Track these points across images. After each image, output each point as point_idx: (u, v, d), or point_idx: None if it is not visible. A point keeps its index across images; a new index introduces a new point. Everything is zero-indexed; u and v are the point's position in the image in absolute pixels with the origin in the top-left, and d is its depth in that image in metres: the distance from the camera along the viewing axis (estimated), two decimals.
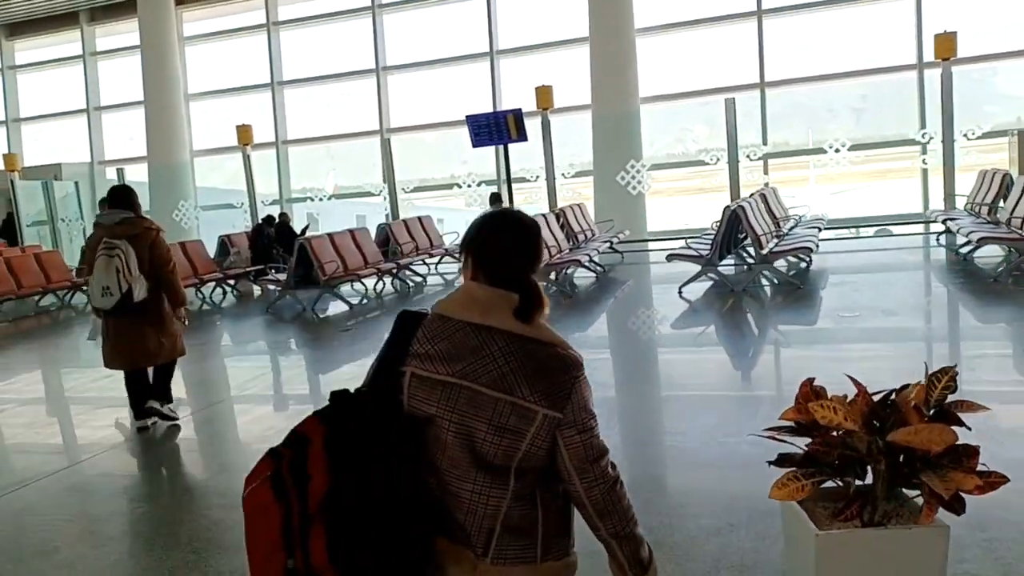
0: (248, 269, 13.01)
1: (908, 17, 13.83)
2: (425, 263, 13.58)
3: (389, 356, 1.74)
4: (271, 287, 11.74)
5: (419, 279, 12.69)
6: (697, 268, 9.41)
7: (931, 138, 12.80)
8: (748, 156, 13.85)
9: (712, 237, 9.93)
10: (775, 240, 9.65)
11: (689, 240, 9.85)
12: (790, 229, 10.74)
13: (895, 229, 13.92)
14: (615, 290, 10.87)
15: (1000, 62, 14.38)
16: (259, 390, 7.20)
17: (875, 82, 15.51)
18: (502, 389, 1.65)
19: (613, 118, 14.91)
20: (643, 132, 15.18)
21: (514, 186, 14.19)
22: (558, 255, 10.65)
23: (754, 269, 9.53)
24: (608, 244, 11.93)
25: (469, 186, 15.71)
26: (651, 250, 14.36)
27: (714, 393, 5.82)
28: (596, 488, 1.71)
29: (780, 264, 9.64)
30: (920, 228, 13.33)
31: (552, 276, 10.22)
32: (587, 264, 10.94)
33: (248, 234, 14.04)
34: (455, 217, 21.32)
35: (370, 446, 1.64)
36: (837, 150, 13.30)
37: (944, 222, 10.58)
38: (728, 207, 9.30)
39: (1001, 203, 10.00)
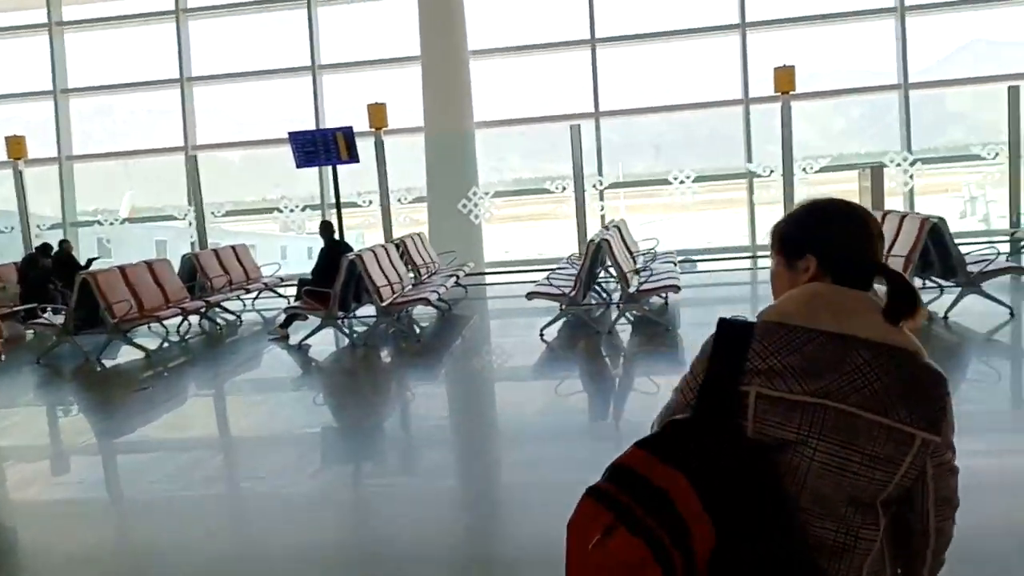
0: (16, 308, 10.67)
1: (744, 51, 13.90)
2: (240, 299, 11.80)
3: (720, 373, 1.48)
4: (46, 331, 9.56)
5: (231, 317, 10.93)
6: (558, 305, 8.52)
7: (771, 171, 12.79)
8: (594, 186, 13.29)
9: (574, 272, 9.08)
10: (637, 276, 8.93)
11: (550, 275, 8.92)
12: (647, 263, 10.13)
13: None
14: (464, 330, 9.73)
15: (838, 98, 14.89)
16: (12, 485, 5.40)
17: (715, 114, 15.58)
18: (876, 410, 1.40)
19: (446, 141, 13.92)
20: (480, 157, 14.33)
21: (344, 211, 12.77)
22: (400, 292, 9.39)
23: (619, 308, 8.74)
24: (454, 279, 10.80)
25: (291, 210, 14.06)
26: (494, 284, 13.42)
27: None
28: (948, 522, 1.50)
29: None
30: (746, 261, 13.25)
31: (395, 317, 8.96)
32: (434, 302, 9.75)
33: (17, 265, 11.66)
34: (268, 244, 19.48)
35: (745, 485, 1.38)
36: (682, 181, 13.02)
37: None
38: (592, 240, 8.48)
39: None
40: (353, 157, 12.37)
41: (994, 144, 12.04)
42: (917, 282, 8.01)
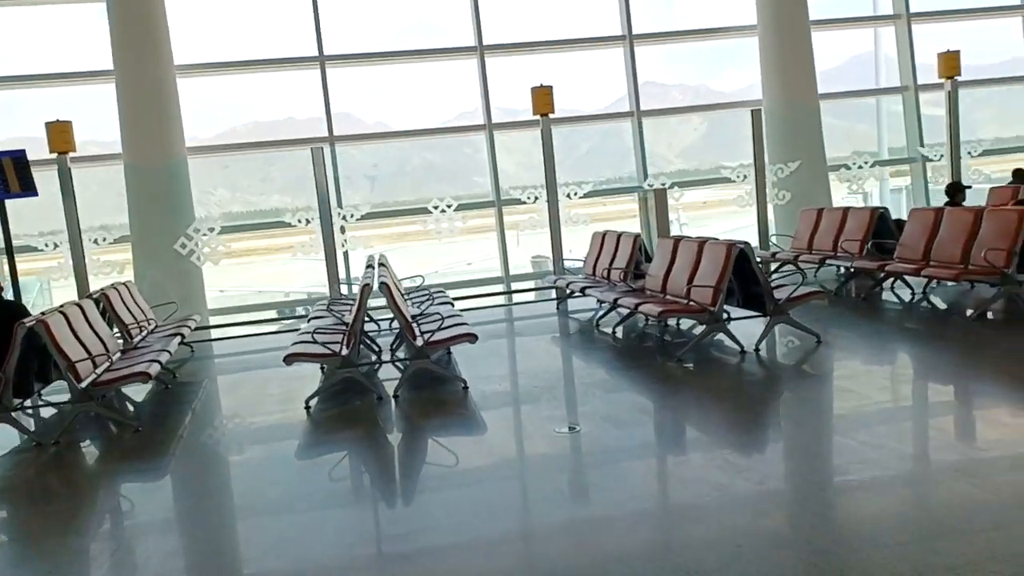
0: None
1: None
2: None
3: None
4: None
5: None
6: (327, 370, 6.78)
7: (536, 197, 11.97)
8: (344, 217, 11.61)
9: (337, 324, 7.38)
10: (420, 327, 7.43)
11: (314, 332, 7.07)
12: (423, 306, 8.67)
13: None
14: (197, 406, 7.53)
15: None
16: None
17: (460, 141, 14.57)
18: None
19: (152, 171, 11.49)
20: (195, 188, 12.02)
21: (18, 258, 9.87)
22: (107, 365, 7.05)
23: (403, 366, 7.18)
24: (178, 338, 8.54)
25: None
26: (224, 338, 11.17)
27: None
28: None
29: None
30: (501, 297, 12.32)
31: (99, 399, 6.63)
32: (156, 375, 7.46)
33: None
34: None
35: None
36: (443, 210, 11.77)
37: (583, 290, 9.50)
38: (367, 284, 6.85)
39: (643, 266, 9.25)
40: (27, 189, 9.60)
41: (743, 166, 12.22)
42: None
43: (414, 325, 6.96)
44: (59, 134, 10.29)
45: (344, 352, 6.68)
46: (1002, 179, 11.79)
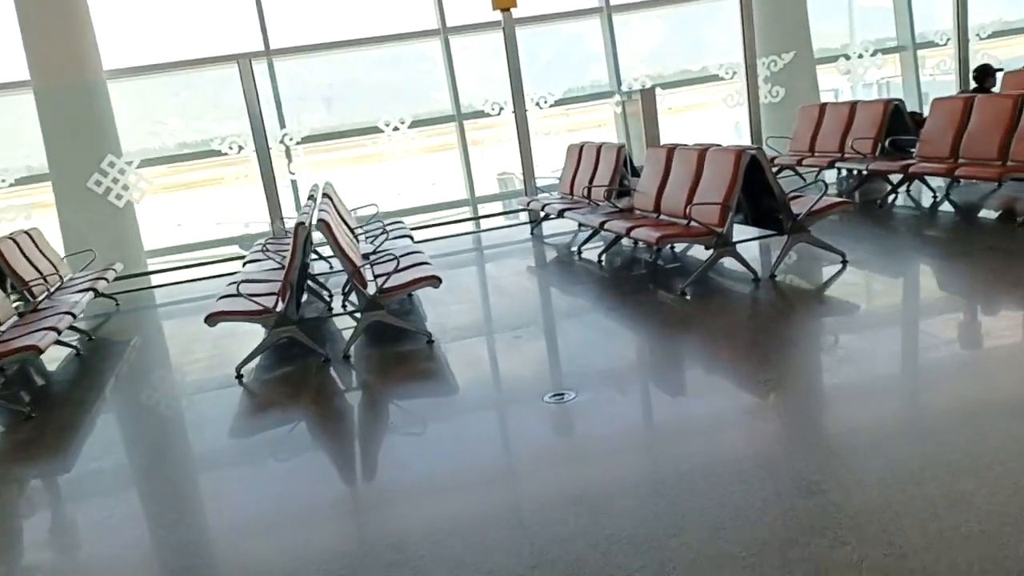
0: None
1: None
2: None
3: None
4: None
5: None
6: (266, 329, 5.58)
7: (501, 108, 10.61)
8: (282, 141, 10.21)
9: (277, 268, 6.15)
10: (373, 270, 6.19)
11: (239, 283, 5.80)
12: (377, 242, 7.43)
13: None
14: (112, 376, 6.31)
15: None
16: None
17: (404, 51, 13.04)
18: None
19: (69, 97, 9.94)
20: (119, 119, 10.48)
21: None
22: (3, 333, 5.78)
23: (357, 318, 6.00)
24: (89, 293, 7.26)
25: None
26: (166, 284, 9.85)
27: None
28: None
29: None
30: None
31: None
32: (64, 339, 6.21)
33: None
34: None
35: None
36: (396, 128, 10.39)
37: (560, 213, 8.26)
38: (302, 223, 5.58)
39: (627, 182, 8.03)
40: None
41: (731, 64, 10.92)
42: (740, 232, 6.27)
43: (365, 269, 5.72)
44: None
45: (280, 307, 5.47)
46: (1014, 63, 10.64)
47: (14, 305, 6.76)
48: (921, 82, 12.43)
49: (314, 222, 5.53)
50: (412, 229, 10.03)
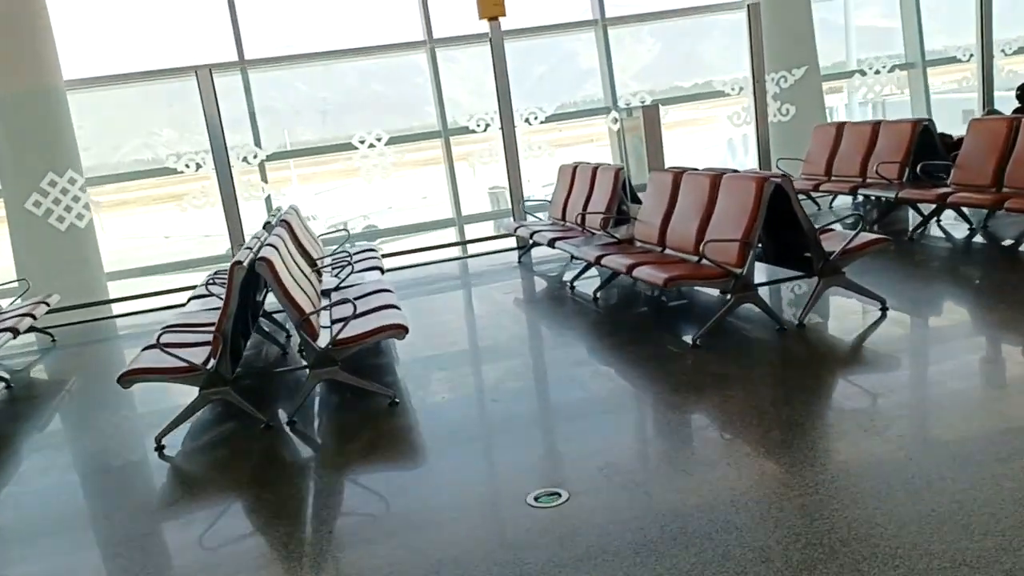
0: None
1: None
2: None
3: None
4: None
5: None
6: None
7: (487, 124, 9.71)
8: (245, 159, 9.28)
9: (210, 316, 5.18)
10: (332, 312, 5.23)
11: (164, 330, 4.83)
12: (340, 273, 6.47)
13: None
14: (20, 443, 5.34)
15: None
16: None
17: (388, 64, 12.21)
18: None
19: (22, 105, 9.03)
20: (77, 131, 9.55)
21: None
22: None
23: (306, 375, 5.05)
24: (10, 333, 6.28)
25: None
26: (105, 317, 8.87)
27: None
28: None
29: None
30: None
31: None
32: None
33: None
34: None
35: None
36: (372, 145, 9.48)
37: (551, 242, 7.31)
38: (239, 262, 4.62)
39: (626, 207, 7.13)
40: None
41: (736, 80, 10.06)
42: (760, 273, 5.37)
43: (316, 317, 4.76)
44: None
45: (208, 365, 4.50)
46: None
47: None
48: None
49: (254, 262, 4.57)
50: (393, 255, 9.14)
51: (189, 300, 6.61)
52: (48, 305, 7.46)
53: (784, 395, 4.40)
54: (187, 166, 9.14)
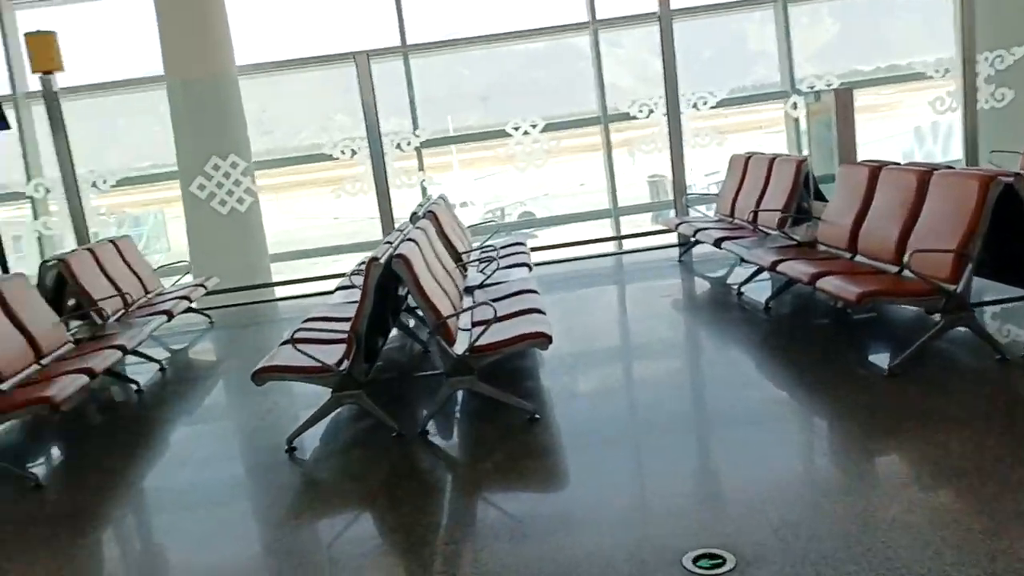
0: None
1: None
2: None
3: None
4: None
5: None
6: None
7: (651, 111, 9.05)
8: (398, 145, 9.12)
9: (347, 315, 4.92)
10: (473, 315, 4.84)
11: (300, 326, 4.63)
12: (486, 269, 6.09)
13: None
14: (155, 435, 5.34)
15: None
16: None
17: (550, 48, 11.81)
18: None
19: (197, 90, 9.35)
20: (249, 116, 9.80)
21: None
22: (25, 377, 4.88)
23: (445, 381, 4.68)
24: (162, 319, 6.38)
25: None
26: (274, 299, 9.01)
27: None
28: None
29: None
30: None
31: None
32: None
33: None
34: None
35: None
36: (527, 132, 9.07)
37: (718, 242, 6.59)
38: (375, 259, 4.30)
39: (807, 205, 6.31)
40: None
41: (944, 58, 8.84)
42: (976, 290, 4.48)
43: (454, 320, 4.37)
44: (41, 50, 8.14)
45: (341, 366, 4.21)
46: None
47: (71, 332, 5.90)
48: None
49: (390, 259, 4.23)
50: (545, 248, 8.72)
51: (336, 290, 6.45)
52: (205, 288, 7.60)
53: (1012, 447, 3.55)
54: (343, 152, 9.08)
